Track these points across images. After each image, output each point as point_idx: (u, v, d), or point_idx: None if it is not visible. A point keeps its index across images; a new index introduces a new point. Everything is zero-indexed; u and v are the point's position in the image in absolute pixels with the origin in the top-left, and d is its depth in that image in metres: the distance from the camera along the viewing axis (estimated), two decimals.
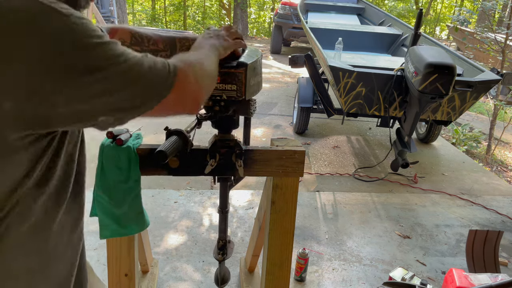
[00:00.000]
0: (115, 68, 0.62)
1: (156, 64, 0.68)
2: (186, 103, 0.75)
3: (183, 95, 0.72)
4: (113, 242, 1.33)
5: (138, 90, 0.66)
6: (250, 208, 2.86)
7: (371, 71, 3.00)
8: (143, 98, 0.67)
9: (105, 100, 0.63)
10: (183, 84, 0.71)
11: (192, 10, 17.18)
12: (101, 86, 0.61)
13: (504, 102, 4.87)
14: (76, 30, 0.60)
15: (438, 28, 18.25)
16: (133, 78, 0.65)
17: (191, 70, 0.75)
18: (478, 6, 5.96)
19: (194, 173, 1.22)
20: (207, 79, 0.81)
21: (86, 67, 0.60)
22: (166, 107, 0.71)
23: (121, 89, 0.64)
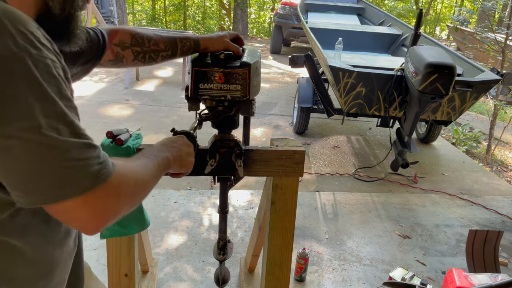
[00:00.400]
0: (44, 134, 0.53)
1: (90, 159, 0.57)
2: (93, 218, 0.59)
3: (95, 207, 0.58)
4: (113, 242, 1.33)
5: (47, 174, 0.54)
6: (250, 208, 2.86)
7: (371, 71, 3.00)
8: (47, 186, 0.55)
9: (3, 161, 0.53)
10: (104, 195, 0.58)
11: (192, 10, 17.18)
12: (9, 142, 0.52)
13: (504, 102, 4.86)
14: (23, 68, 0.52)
15: (438, 28, 18.25)
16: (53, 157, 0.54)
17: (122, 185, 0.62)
18: (478, 6, 5.96)
19: (194, 173, 1.22)
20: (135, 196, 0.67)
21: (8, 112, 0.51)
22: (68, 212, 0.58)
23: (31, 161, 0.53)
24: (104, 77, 6.07)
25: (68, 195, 0.56)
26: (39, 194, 0.55)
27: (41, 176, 0.54)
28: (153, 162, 0.77)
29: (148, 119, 4.49)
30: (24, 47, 0.52)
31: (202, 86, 1.08)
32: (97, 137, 1.10)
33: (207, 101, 1.12)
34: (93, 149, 0.59)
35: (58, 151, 0.54)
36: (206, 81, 1.07)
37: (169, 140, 0.93)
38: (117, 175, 0.60)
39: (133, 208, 0.69)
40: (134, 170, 0.68)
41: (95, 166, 0.57)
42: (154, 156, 0.79)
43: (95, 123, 4.07)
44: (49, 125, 0.53)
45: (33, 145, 0.52)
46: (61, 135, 0.54)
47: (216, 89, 1.08)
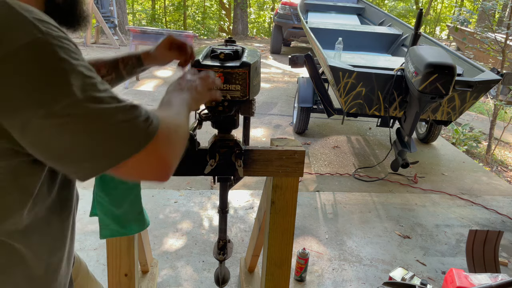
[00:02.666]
0: (88, 107, 0.56)
1: (136, 118, 0.61)
2: (157, 167, 0.65)
3: (154, 157, 0.63)
4: (113, 242, 1.33)
5: (102, 141, 0.57)
6: (250, 208, 2.86)
7: (371, 71, 3.00)
8: (105, 152, 0.58)
9: (61, 140, 0.56)
10: (158, 145, 0.63)
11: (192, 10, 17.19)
12: (61, 120, 0.55)
13: (504, 102, 4.86)
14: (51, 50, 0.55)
15: (438, 28, 18.25)
16: (103, 124, 0.57)
17: (169, 132, 0.67)
18: (478, 6, 5.95)
19: (194, 173, 1.22)
20: (181, 142, 0.72)
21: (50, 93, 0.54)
22: (134, 167, 0.62)
23: (85, 132, 0.56)
24: None
25: (128, 154, 0.59)
26: (101, 160, 0.59)
27: (99, 144, 0.57)
28: (181, 107, 0.80)
29: None
30: (47, 32, 0.55)
31: None
32: None
33: (207, 101, 1.12)
34: (136, 108, 0.62)
35: (105, 118, 0.57)
36: None
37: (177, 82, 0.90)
38: (163, 125, 0.65)
39: (182, 152, 0.73)
40: (171, 117, 0.72)
41: (144, 121, 0.61)
42: (177, 102, 0.81)
43: None
44: (90, 96, 0.56)
45: (80, 118, 0.55)
46: (103, 103, 0.57)
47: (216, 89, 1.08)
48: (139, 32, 5.51)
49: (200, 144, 1.16)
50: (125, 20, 10.62)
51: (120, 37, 8.94)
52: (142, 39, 5.47)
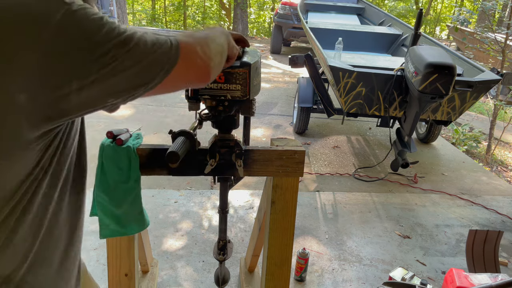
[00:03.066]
0: (120, 48, 0.64)
1: (158, 40, 0.70)
2: (195, 72, 0.77)
3: (190, 65, 0.74)
4: (113, 242, 1.33)
5: (145, 66, 0.67)
6: (250, 208, 2.86)
7: (371, 71, 3.00)
8: (151, 73, 0.68)
9: (116, 81, 0.65)
10: (188, 54, 0.73)
11: (192, 10, 17.19)
12: (110, 67, 0.63)
13: (504, 102, 4.87)
14: (79, 17, 0.61)
15: (438, 28, 18.25)
16: (139, 55, 0.66)
17: (196, 42, 0.76)
18: (478, 6, 5.95)
19: (194, 173, 1.22)
20: (214, 50, 0.81)
21: (93, 51, 0.61)
22: (175, 79, 0.73)
23: (129, 67, 0.65)
24: None
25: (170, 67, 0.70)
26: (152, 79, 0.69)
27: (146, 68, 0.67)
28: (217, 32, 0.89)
29: (148, 119, 4.49)
30: (71, 1, 0.62)
31: None
32: (97, 137, 1.10)
33: (207, 100, 1.12)
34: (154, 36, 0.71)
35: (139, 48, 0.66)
36: None
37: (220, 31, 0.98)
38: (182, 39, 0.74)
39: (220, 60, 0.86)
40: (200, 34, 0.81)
41: (166, 41, 0.71)
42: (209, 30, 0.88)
43: (95, 123, 4.07)
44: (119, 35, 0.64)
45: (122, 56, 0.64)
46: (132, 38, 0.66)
47: (216, 88, 1.08)
48: None
49: (200, 144, 1.16)
50: (125, 20, 10.62)
51: None
52: None
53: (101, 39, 0.62)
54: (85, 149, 0.84)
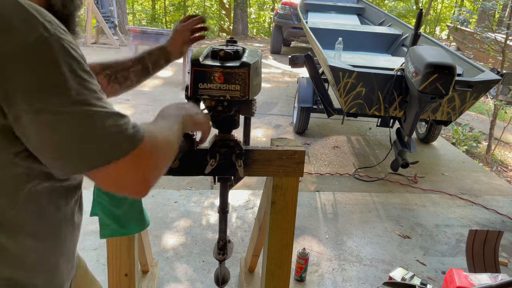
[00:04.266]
0: (81, 108, 0.58)
1: (125, 125, 0.63)
2: (136, 179, 0.65)
3: (137, 167, 0.63)
4: (113, 242, 1.33)
5: (89, 142, 0.60)
6: (250, 208, 2.86)
7: (371, 71, 3.00)
8: (90, 152, 0.60)
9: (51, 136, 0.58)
10: (142, 155, 0.64)
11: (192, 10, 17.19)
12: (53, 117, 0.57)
13: (504, 102, 4.86)
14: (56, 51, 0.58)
15: (438, 28, 18.25)
16: (92, 126, 0.59)
17: (156, 145, 0.67)
18: (478, 6, 5.95)
19: (194, 173, 1.22)
20: (166, 158, 0.71)
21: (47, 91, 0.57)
22: (113, 175, 0.62)
23: (75, 132, 0.59)
24: None
25: (110, 158, 0.61)
26: (84, 161, 0.60)
27: (85, 144, 0.59)
28: (171, 121, 0.81)
29: (148, 119, 4.46)
30: (54, 33, 0.58)
31: (201, 85, 1.08)
32: None
33: (206, 101, 1.12)
34: (124, 117, 0.64)
35: (96, 120, 0.60)
36: (206, 80, 1.07)
37: (171, 106, 0.93)
38: (150, 136, 0.66)
39: (167, 166, 0.72)
40: (160, 129, 0.73)
41: (130, 129, 0.63)
42: (169, 116, 0.83)
43: None
44: (84, 99, 0.59)
45: (72, 117, 0.58)
46: (96, 107, 0.60)
47: (215, 89, 1.08)
48: (139, 32, 5.51)
49: (199, 144, 1.16)
50: (125, 20, 10.62)
51: (120, 37, 8.94)
52: (142, 39, 5.47)
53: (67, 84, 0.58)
54: None
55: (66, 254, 0.79)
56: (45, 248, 0.73)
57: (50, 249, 0.74)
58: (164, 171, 0.71)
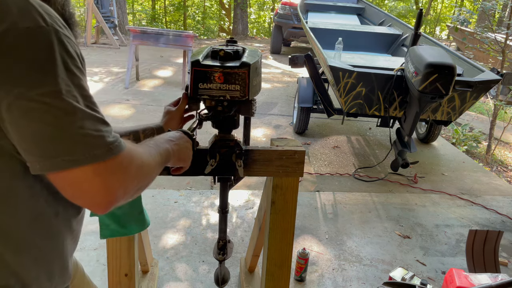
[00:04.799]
0: (65, 101, 0.57)
1: (105, 132, 0.60)
2: (101, 192, 0.60)
3: (104, 179, 0.59)
4: (113, 242, 1.33)
5: (61, 138, 0.57)
6: (250, 208, 2.86)
7: (371, 71, 3.00)
8: (61, 150, 0.57)
9: (28, 125, 0.56)
10: (114, 168, 0.60)
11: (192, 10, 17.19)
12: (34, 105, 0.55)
13: (504, 102, 4.86)
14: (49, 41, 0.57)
15: (438, 28, 18.25)
16: (71, 123, 0.57)
17: (131, 163, 0.64)
18: (478, 6, 5.95)
19: (194, 173, 1.22)
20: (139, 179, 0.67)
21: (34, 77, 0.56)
22: (76, 181, 0.58)
23: (52, 125, 0.56)
24: (104, 77, 6.08)
25: (80, 161, 0.57)
26: (54, 158, 0.56)
27: (57, 140, 0.56)
28: (156, 151, 0.78)
29: (148, 119, 4.49)
30: (51, 24, 0.58)
31: (201, 85, 1.08)
32: None
33: (206, 100, 1.12)
34: (106, 125, 0.62)
35: (75, 118, 0.57)
36: (206, 80, 1.07)
37: (167, 135, 0.93)
38: (127, 152, 0.62)
39: (138, 193, 0.68)
40: (141, 152, 0.69)
41: (108, 138, 0.60)
42: (156, 146, 0.80)
43: None
44: (70, 93, 0.57)
45: (52, 109, 0.56)
46: (79, 104, 0.58)
47: (215, 89, 1.08)
48: (139, 32, 5.51)
49: (199, 144, 1.16)
50: (125, 20, 10.63)
51: (120, 37, 8.94)
52: (142, 39, 5.47)
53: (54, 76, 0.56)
54: None
55: (63, 260, 0.79)
56: (41, 254, 0.72)
57: (46, 255, 0.73)
58: (132, 195, 0.66)
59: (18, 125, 0.56)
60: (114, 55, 7.73)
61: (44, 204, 0.70)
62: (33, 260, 0.70)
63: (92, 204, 0.61)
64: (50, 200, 0.70)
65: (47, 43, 0.57)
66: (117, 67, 6.66)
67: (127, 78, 5.65)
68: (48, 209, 0.71)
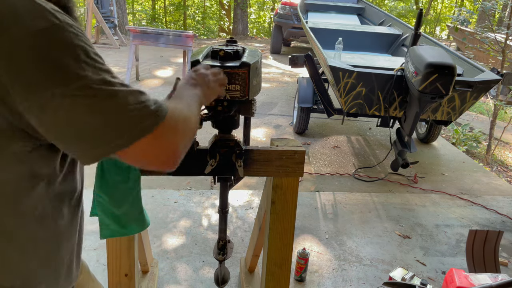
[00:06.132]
0: (101, 88, 0.59)
1: (146, 102, 0.63)
2: (163, 154, 0.66)
3: (162, 143, 0.64)
4: (113, 242, 1.33)
5: (114, 121, 0.59)
6: (250, 208, 2.86)
7: (371, 71, 3.00)
8: (116, 132, 0.60)
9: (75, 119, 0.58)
10: (166, 131, 0.64)
11: (192, 10, 17.19)
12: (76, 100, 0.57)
13: (504, 102, 4.86)
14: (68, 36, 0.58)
15: (438, 28, 18.25)
16: (115, 105, 0.59)
17: (177, 121, 0.68)
18: (478, 6, 5.95)
19: (194, 173, 1.22)
20: (189, 133, 0.72)
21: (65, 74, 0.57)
22: (141, 152, 0.63)
23: (99, 112, 0.58)
24: None
25: (134, 137, 0.61)
26: (108, 143, 0.60)
27: (108, 126, 0.59)
28: (190, 101, 0.81)
29: None
30: (63, 19, 0.59)
31: None
32: None
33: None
34: (144, 94, 0.64)
35: (118, 100, 0.60)
36: None
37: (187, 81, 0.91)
38: (171, 113, 0.66)
39: (189, 144, 0.73)
40: (181, 108, 0.73)
41: (152, 106, 0.63)
42: (188, 98, 0.83)
43: None
44: (103, 80, 0.59)
45: (93, 99, 0.58)
46: (116, 87, 0.60)
47: None
48: (139, 32, 5.51)
49: (199, 144, 1.16)
50: (125, 20, 10.63)
51: (120, 37, 8.94)
52: (142, 39, 5.47)
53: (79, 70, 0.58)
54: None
55: (68, 261, 0.79)
56: (47, 255, 0.72)
57: (51, 256, 0.73)
58: (187, 146, 0.72)
59: (64, 122, 0.58)
60: (114, 55, 7.73)
61: (49, 205, 0.70)
62: (38, 261, 0.71)
63: (161, 166, 0.67)
64: (55, 200, 0.71)
65: (66, 39, 0.58)
66: (117, 67, 6.66)
67: (127, 78, 5.65)
68: (53, 210, 0.71)
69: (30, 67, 0.55)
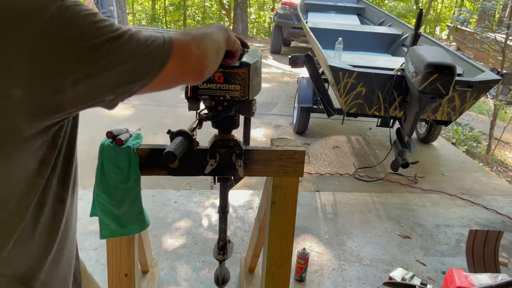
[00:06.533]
0: (114, 42, 0.64)
1: (151, 36, 0.71)
2: (189, 69, 0.76)
3: (183, 61, 0.74)
4: (113, 242, 1.33)
5: (138, 61, 0.67)
6: (250, 208, 2.86)
7: (371, 71, 3.00)
8: (144, 68, 0.69)
9: (110, 76, 0.65)
10: (181, 51, 0.73)
11: (192, 10, 17.19)
12: (103, 62, 0.63)
13: (504, 102, 4.87)
14: (72, 13, 0.61)
15: (438, 28, 18.25)
16: (132, 49, 0.66)
17: (190, 39, 0.76)
18: (478, 6, 5.95)
19: (194, 173, 1.22)
20: (210, 47, 0.81)
21: (86, 47, 0.62)
22: (169, 75, 0.73)
23: (122, 63, 0.65)
24: None
25: (160, 67, 0.70)
26: (140, 80, 0.69)
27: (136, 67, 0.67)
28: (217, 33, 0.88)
29: (148, 119, 4.49)
30: None
31: (201, 85, 1.08)
32: (97, 137, 1.11)
33: (206, 100, 1.12)
34: (148, 33, 0.72)
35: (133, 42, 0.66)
36: (206, 80, 1.07)
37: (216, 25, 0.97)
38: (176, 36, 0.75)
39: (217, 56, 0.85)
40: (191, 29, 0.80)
41: (160, 38, 0.71)
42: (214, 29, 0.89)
43: (95, 123, 4.07)
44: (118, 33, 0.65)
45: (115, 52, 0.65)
46: (127, 33, 0.67)
47: (215, 88, 1.08)
48: None
49: (199, 144, 1.16)
50: (125, 20, 10.63)
51: None
52: None
53: (94, 34, 0.62)
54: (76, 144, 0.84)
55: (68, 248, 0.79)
56: (45, 243, 0.73)
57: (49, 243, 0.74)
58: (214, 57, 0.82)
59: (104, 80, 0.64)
60: None
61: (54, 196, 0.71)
62: (37, 248, 0.71)
63: (194, 78, 0.81)
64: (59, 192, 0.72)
65: (75, 15, 0.61)
66: None
67: None
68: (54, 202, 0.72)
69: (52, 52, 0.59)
